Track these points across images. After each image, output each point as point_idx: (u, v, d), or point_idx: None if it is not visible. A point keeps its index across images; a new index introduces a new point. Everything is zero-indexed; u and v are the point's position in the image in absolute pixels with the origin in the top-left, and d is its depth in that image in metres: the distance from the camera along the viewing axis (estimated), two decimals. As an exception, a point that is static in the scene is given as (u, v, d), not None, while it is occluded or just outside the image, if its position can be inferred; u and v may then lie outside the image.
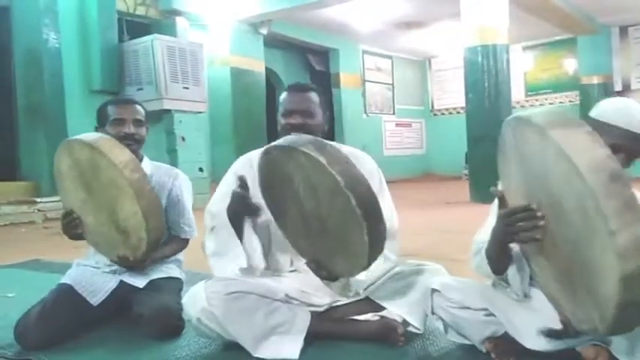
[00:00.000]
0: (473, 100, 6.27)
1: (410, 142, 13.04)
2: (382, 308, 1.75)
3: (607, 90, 10.66)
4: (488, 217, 1.61)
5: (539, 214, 1.23)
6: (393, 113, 12.62)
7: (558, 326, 1.41)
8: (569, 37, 10.74)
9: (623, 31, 10.74)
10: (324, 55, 11.15)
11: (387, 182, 2.00)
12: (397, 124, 12.72)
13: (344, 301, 1.78)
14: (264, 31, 8.60)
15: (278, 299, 1.70)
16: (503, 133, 1.33)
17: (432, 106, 13.51)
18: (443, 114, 13.30)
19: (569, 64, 11.34)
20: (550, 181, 1.18)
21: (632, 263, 1.03)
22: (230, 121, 8.28)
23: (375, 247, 1.43)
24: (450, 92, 12.53)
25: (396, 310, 1.72)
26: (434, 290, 1.61)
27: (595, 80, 10.61)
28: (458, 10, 6.41)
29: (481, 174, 5.88)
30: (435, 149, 13.16)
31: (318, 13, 8.90)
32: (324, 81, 10.94)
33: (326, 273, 1.58)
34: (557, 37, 10.97)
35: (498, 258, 1.46)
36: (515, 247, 1.44)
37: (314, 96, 1.85)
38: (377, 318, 1.74)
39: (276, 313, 1.67)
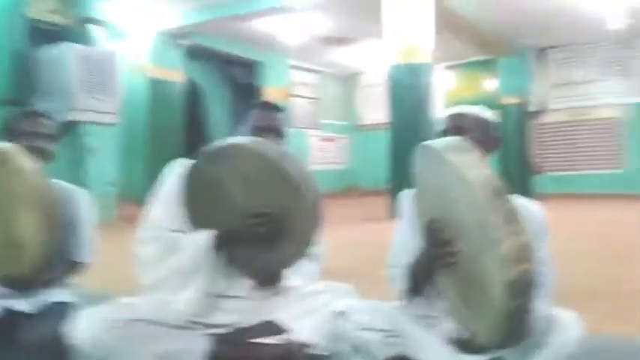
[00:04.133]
0: (396, 117, 6.50)
1: (334, 156, 13.32)
2: (288, 331, 1.75)
3: (525, 110, 11.40)
4: (396, 236, 1.69)
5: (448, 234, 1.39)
6: (319, 128, 12.84)
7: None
8: (490, 57, 11.42)
9: (541, 53, 11.57)
10: (250, 67, 11.16)
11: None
12: (322, 139, 12.95)
13: (247, 322, 1.77)
14: (185, 42, 8.50)
15: (176, 325, 1.66)
16: (415, 159, 1.51)
17: (358, 122, 13.92)
18: (368, 129, 13.70)
19: (490, 84, 12.03)
20: (451, 199, 1.33)
21: (513, 270, 1.16)
22: (144, 133, 8.08)
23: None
24: (377, 108, 12.92)
25: (301, 332, 1.73)
26: (340, 312, 1.64)
27: (514, 100, 11.32)
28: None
29: (401, 190, 6.05)
30: (360, 164, 13.49)
31: (244, 26, 8.92)
32: (248, 94, 10.96)
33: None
34: (479, 58, 11.62)
35: (424, 282, 1.55)
36: None
37: (283, 116, 1.92)
38: (281, 341, 1.74)
39: (168, 340, 1.63)
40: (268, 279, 1.75)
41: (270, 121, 1.88)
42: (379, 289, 1.87)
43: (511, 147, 11.28)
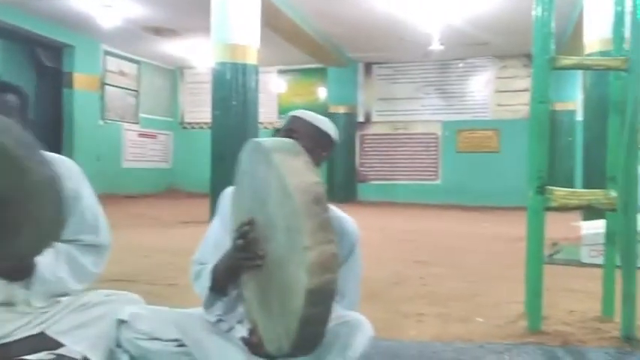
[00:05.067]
0: (219, 117, 6.50)
1: (155, 154, 12.88)
2: (60, 345, 1.65)
3: (351, 120, 12.22)
4: (208, 233, 1.70)
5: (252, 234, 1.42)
6: (137, 122, 12.32)
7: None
8: (320, 66, 12.02)
9: (368, 67, 12.49)
10: (57, 50, 10.29)
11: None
12: (141, 135, 12.43)
13: (16, 336, 1.63)
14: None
15: None
16: (241, 154, 1.52)
17: (182, 119, 13.64)
18: (193, 128, 13.51)
19: (320, 92, 12.66)
20: (269, 201, 1.35)
21: (317, 278, 1.21)
22: None
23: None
24: (202, 106, 12.77)
25: (75, 345, 1.65)
26: (121, 321, 1.59)
27: (342, 110, 12.07)
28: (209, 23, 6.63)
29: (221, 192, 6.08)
30: (183, 164, 13.23)
31: (52, 2, 8.20)
32: (55, 79, 10.10)
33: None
34: (311, 65, 12.16)
35: (226, 283, 1.55)
36: None
37: (12, 98, 1.68)
38: (53, 356, 1.64)
39: None
40: (13, 272, 1.61)
41: None
42: (177, 295, 1.85)
43: (338, 155, 11.99)
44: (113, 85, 11.46)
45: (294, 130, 1.66)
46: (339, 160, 11.98)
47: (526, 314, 2.63)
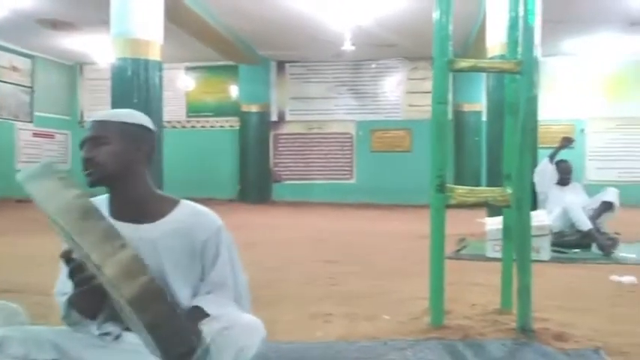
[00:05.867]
0: (120, 116, 6.26)
1: (51, 155, 12.28)
2: None
3: (264, 119, 12.20)
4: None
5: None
6: (31, 121, 11.65)
7: None
8: (231, 64, 11.90)
9: (281, 66, 12.52)
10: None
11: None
12: (35, 134, 11.80)
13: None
14: None
15: None
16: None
17: (82, 117, 13.07)
18: (93, 127, 12.95)
19: (231, 90, 12.54)
20: (57, 227, 1.30)
21: (129, 288, 1.18)
22: None
23: None
24: (103, 104, 12.24)
25: None
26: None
27: (254, 109, 12.02)
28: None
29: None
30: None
31: None
32: None
33: None
34: (221, 63, 12.01)
35: (88, 308, 1.50)
36: None
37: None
38: None
39: None
40: None
41: None
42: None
43: (250, 155, 11.94)
44: (4, 81, 10.79)
45: (99, 136, 1.56)
46: (252, 160, 11.94)
47: (429, 310, 2.74)
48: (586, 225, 5.29)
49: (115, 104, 6.29)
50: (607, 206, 5.48)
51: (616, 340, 2.49)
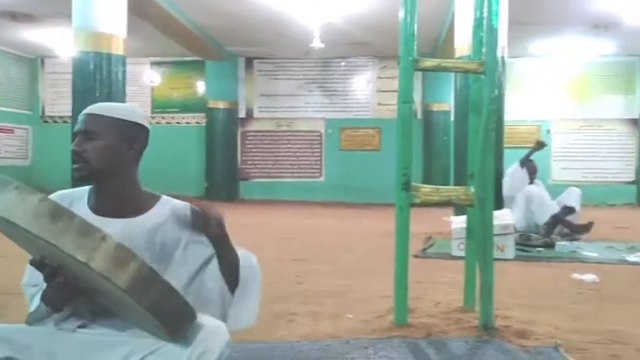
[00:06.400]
0: (80, 110, 6.11)
1: (10, 150, 12.00)
2: None
3: (232, 116, 12.12)
4: None
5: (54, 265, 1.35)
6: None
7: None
8: (198, 59, 11.78)
9: (249, 62, 12.45)
10: None
11: None
12: (-6, 129, 11.53)
13: None
14: None
15: None
16: None
17: (43, 112, 12.80)
18: (55, 121, 12.71)
19: (198, 86, 12.42)
20: (29, 240, 1.27)
21: (123, 276, 1.18)
22: None
23: None
24: (65, 98, 12.05)
25: None
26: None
27: (221, 105, 11.93)
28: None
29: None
30: (43, 161, 12.41)
31: None
32: None
33: None
34: (188, 58, 11.89)
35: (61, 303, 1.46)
36: None
37: None
38: None
39: None
40: None
41: None
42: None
43: (218, 152, 11.85)
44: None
45: (91, 131, 1.51)
46: (219, 158, 11.85)
47: (393, 308, 2.76)
48: (548, 213, 5.49)
49: (77, 99, 6.19)
50: (568, 210, 5.65)
51: (576, 337, 2.56)
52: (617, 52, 11.23)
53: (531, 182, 6.02)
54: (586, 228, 5.59)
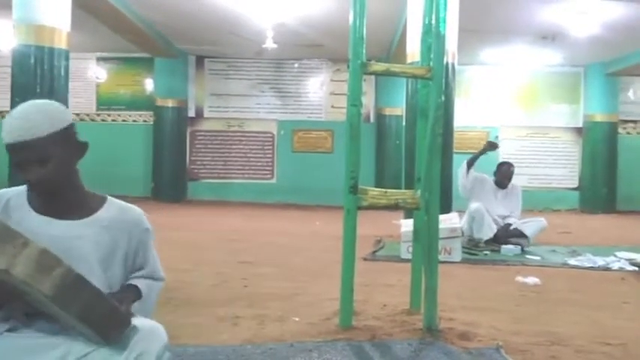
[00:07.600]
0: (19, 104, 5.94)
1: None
2: None
3: (182, 115, 11.94)
4: None
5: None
6: None
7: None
8: (147, 56, 11.56)
9: (200, 60, 12.29)
10: None
11: None
12: None
13: None
14: None
15: None
16: None
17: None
18: (-7, 119, 12.22)
19: (146, 84, 12.18)
20: None
21: (47, 283, 1.17)
22: None
23: None
24: (4, 92, 11.56)
25: None
26: None
27: (170, 103, 11.73)
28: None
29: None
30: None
31: None
32: None
33: None
34: (136, 54, 11.64)
35: None
36: None
37: None
38: None
39: None
40: None
41: None
42: None
43: (165, 151, 11.66)
44: None
45: (41, 158, 1.47)
46: (167, 157, 11.65)
47: (339, 311, 2.79)
48: (487, 235, 5.69)
49: (17, 93, 5.96)
50: (522, 236, 5.85)
51: (517, 339, 2.65)
52: (563, 63, 11.67)
53: (504, 187, 6.20)
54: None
